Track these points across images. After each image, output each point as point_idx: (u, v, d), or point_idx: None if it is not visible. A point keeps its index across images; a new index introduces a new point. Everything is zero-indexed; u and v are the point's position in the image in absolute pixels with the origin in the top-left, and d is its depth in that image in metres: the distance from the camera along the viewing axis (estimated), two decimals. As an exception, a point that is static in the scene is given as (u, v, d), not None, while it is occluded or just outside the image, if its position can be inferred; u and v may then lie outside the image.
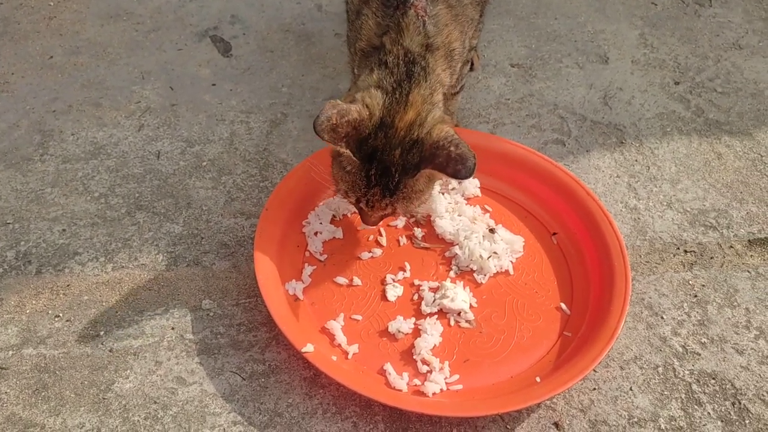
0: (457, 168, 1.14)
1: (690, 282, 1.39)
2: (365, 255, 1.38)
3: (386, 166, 1.18)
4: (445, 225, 1.42)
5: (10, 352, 1.22)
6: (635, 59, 1.92)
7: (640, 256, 1.43)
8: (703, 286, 1.38)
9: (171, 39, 1.92)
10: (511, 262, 1.38)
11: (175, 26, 1.96)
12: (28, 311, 1.28)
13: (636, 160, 1.64)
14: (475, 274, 1.36)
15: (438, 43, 1.28)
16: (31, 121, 1.65)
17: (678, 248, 1.45)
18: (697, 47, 1.97)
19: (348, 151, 1.16)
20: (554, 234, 1.44)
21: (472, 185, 1.49)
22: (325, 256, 1.38)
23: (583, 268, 1.36)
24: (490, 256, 1.36)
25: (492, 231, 1.40)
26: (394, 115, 1.19)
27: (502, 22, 2.02)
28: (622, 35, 2.00)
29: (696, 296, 1.36)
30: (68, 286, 1.32)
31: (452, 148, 1.15)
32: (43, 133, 1.62)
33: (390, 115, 1.19)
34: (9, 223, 1.43)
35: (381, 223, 1.34)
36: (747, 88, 1.85)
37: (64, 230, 1.42)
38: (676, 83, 1.85)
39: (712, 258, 1.44)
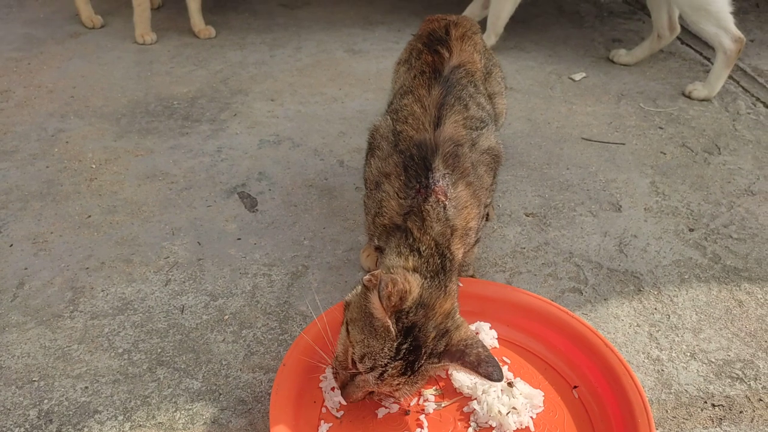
0: (489, 370, 1.15)
1: (721, 439, 1.33)
2: (382, 411, 1.37)
3: (419, 345, 1.18)
4: (462, 378, 1.40)
5: None
6: (648, 207, 1.96)
7: (666, 411, 1.39)
8: (735, 443, 1.32)
9: (202, 196, 2.03)
10: (532, 417, 1.35)
11: (206, 184, 2.09)
12: (43, 473, 1.28)
13: (655, 309, 1.63)
14: (494, 431, 1.33)
15: (456, 225, 1.33)
16: (64, 278, 1.73)
17: (705, 402, 1.41)
18: (709, 194, 2.01)
19: (390, 321, 1.16)
20: (575, 387, 1.41)
21: (489, 336, 1.50)
22: (342, 412, 1.37)
23: (607, 425, 1.32)
24: (509, 412, 1.33)
25: (510, 385, 1.38)
26: (435, 299, 1.20)
27: (516, 172, 2.11)
28: (633, 184, 2.06)
29: (728, 454, 1.30)
30: (85, 446, 1.33)
31: (481, 350, 1.17)
32: (75, 289, 1.69)
33: (430, 297, 1.20)
34: (35, 381, 1.46)
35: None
36: (763, 233, 1.86)
37: (86, 387, 1.44)
38: (691, 230, 1.87)
39: (741, 412, 1.38)
